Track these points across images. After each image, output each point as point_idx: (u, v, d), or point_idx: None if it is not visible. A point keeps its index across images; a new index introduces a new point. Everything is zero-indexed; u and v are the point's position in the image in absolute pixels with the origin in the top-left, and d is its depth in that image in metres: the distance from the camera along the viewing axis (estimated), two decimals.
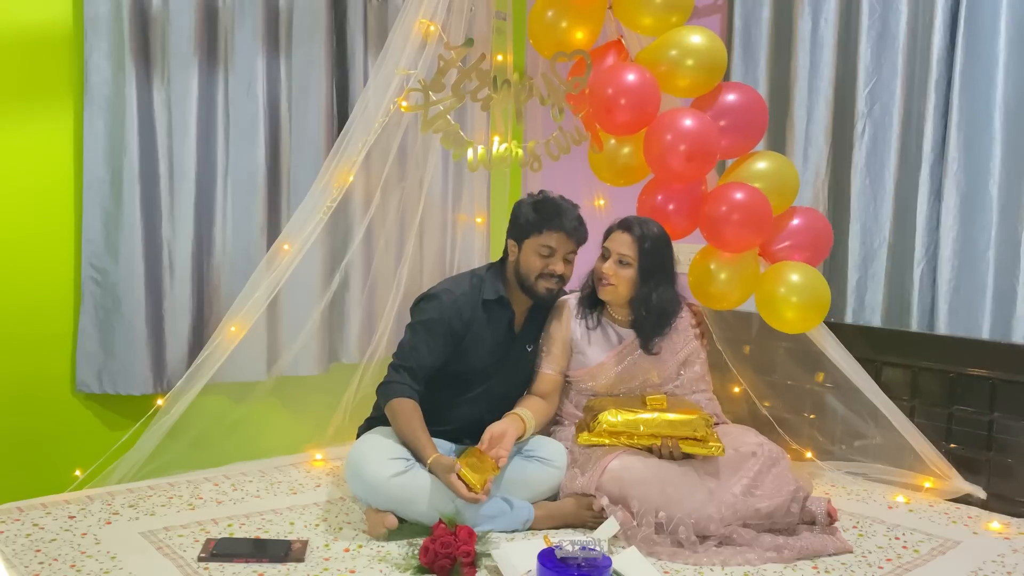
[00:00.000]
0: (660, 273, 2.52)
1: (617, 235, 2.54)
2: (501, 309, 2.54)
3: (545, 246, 2.46)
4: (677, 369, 2.62)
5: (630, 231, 2.52)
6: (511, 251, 2.56)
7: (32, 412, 2.81)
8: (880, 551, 2.25)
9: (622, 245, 2.52)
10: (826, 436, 2.98)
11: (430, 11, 2.64)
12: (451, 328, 2.46)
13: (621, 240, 2.52)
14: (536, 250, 2.47)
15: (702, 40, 2.71)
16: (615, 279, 2.52)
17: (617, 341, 2.60)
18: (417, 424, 2.34)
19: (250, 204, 3.11)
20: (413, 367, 2.42)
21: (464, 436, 2.51)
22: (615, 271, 2.52)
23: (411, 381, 2.41)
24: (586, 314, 2.62)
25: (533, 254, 2.48)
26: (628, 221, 2.56)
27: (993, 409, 2.67)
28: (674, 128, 2.64)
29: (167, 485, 2.57)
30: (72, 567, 1.98)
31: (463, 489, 2.16)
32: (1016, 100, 2.68)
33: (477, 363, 2.51)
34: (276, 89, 3.16)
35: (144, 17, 2.87)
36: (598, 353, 2.59)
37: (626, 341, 2.59)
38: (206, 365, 2.63)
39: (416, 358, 2.43)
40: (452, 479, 2.17)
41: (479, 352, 2.51)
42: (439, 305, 2.47)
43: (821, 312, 2.69)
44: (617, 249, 2.52)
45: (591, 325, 2.61)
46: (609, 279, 2.52)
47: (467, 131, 3.31)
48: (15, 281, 2.77)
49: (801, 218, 2.75)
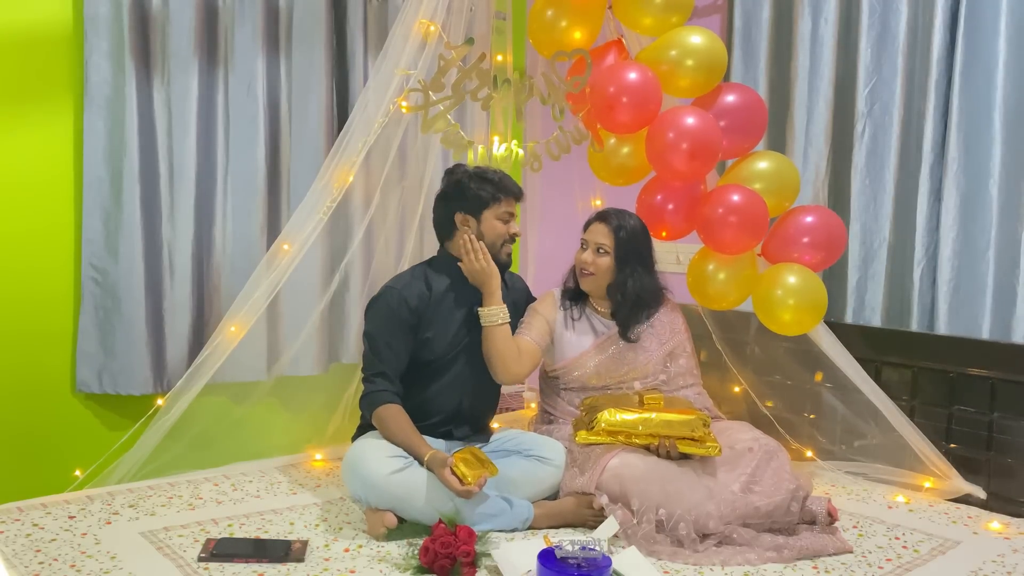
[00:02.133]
0: (636, 261, 2.62)
1: (595, 226, 2.65)
2: (454, 294, 2.54)
3: (507, 212, 2.55)
4: (663, 361, 2.67)
5: (606, 221, 2.63)
6: (465, 226, 2.54)
7: (32, 412, 2.81)
8: (880, 551, 2.25)
9: (599, 235, 2.63)
10: (826, 436, 2.98)
11: (430, 11, 2.64)
12: (403, 321, 2.46)
13: (598, 230, 2.63)
14: (499, 218, 2.54)
15: (702, 40, 2.71)
16: (593, 267, 2.63)
17: (600, 330, 2.67)
18: (407, 426, 2.35)
19: (250, 204, 3.11)
20: (384, 371, 2.43)
21: (449, 424, 2.52)
22: (593, 259, 2.63)
23: (388, 385, 2.42)
24: (570, 306, 2.71)
25: (496, 222, 2.54)
26: (605, 212, 2.68)
27: (993, 409, 2.67)
28: (676, 126, 2.64)
29: (167, 485, 2.57)
30: (72, 567, 1.98)
31: (456, 483, 2.16)
32: (1016, 100, 2.68)
33: (441, 349, 2.52)
34: (276, 89, 3.16)
35: (144, 17, 2.87)
36: (580, 342, 2.66)
37: (609, 332, 2.66)
38: (206, 365, 2.63)
39: (382, 361, 2.44)
40: (445, 473, 2.18)
41: (441, 338, 2.51)
42: (385, 303, 2.49)
43: (818, 315, 2.69)
44: (594, 239, 2.63)
45: (575, 316, 2.70)
46: (588, 268, 2.63)
47: (467, 131, 3.31)
48: (15, 281, 2.77)
49: (815, 216, 2.73)
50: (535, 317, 2.67)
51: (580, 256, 2.66)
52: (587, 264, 2.63)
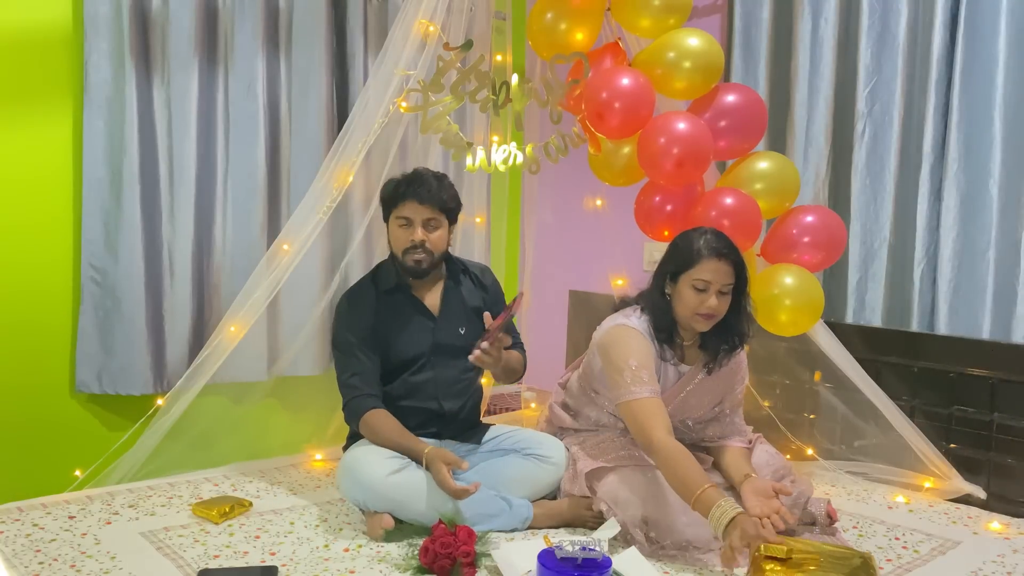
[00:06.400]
0: (745, 293, 2.35)
1: (714, 264, 2.25)
2: (404, 297, 2.53)
3: (401, 216, 2.44)
4: (723, 395, 2.48)
5: (727, 258, 2.26)
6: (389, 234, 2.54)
7: (32, 412, 2.81)
8: (880, 551, 2.25)
9: (725, 276, 2.26)
10: (826, 436, 2.98)
11: (430, 11, 2.64)
12: (364, 320, 2.47)
13: (722, 270, 2.26)
14: (396, 223, 2.46)
15: (699, 43, 2.71)
16: (719, 310, 2.29)
17: (683, 368, 2.41)
18: (396, 427, 2.35)
19: (250, 204, 3.11)
20: (360, 373, 2.42)
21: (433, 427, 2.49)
22: (720, 303, 2.27)
23: (368, 389, 2.41)
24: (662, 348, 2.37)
25: (395, 228, 2.47)
26: (718, 248, 2.27)
27: (993, 409, 2.67)
28: (667, 132, 2.64)
29: (167, 485, 2.57)
30: (72, 567, 1.98)
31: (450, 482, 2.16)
32: (1016, 100, 2.68)
33: (405, 353, 2.49)
34: (276, 89, 3.16)
35: (144, 17, 2.87)
36: (666, 381, 2.39)
37: (691, 369, 2.41)
38: (206, 365, 2.63)
39: (356, 365, 2.43)
40: (443, 471, 2.17)
41: (401, 341, 2.49)
42: (344, 306, 2.51)
43: (815, 315, 2.69)
44: (721, 280, 2.26)
45: (667, 358, 2.38)
46: (717, 313, 2.29)
47: (467, 132, 3.31)
48: (15, 281, 2.77)
49: (815, 216, 2.73)
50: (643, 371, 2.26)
51: (706, 302, 2.25)
52: (717, 311, 2.27)
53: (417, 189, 2.43)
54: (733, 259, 2.27)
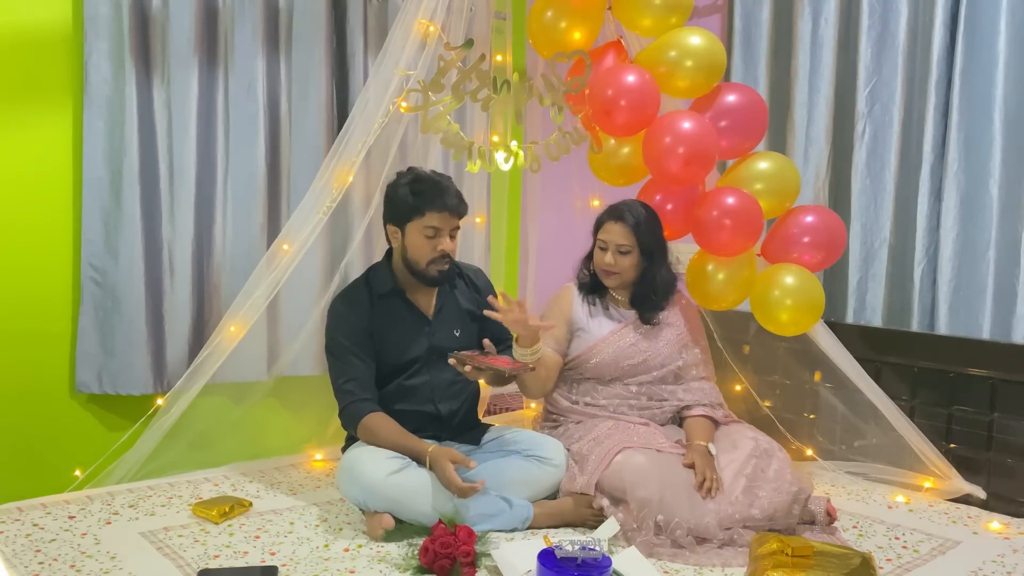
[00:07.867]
0: (656, 251, 2.63)
1: (610, 226, 2.62)
2: (399, 300, 2.52)
3: (429, 227, 2.41)
4: (678, 350, 2.66)
5: (622, 220, 2.60)
6: (393, 237, 2.50)
7: (32, 412, 2.81)
8: (880, 551, 2.25)
9: (618, 235, 2.60)
10: (826, 436, 2.98)
11: (430, 11, 2.64)
12: (358, 324, 2.45)
13: (616, 231, 2.60)
14: (421, 232, 2.42)
15: (701, 41, 2.71)
16: (617, 268, 2.61)
17: (618, 318, 2.68)
18: (396, 429, 2.34)
19: (250, 204, 3.11)
20: (355, 378, 2.41)
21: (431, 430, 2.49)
22: (617, 260, 2.60)
23: (364, 394, 2.40)
24: (588, 299, 2.71)
25: (419, 237, 2.43)
26: (617, 210, 2.63)
27: (993, 409, 2.67)
28: (673, 131, 2.64)
29: (167, 485, 2.57)
30: (72, 567, 1.98)
31: (455, 480, 2.16)
32: (1016, 100, 2.68)
33: (400, 356, 2.48)
34: (276, 89, 3.16)
35: (144, 17, 2.87)
36: (600, 329, 2.65)
37: (627, 319, 2.67)
38: (206, 365, 2.63)
39: (351, 370, 2.42)
40: (448, 468, 2.17)
41: (396, 345, 2.48)
42: (337, 309, 2.50)
43: (815, 315, 2.69)
44: (614, 240, 2.60)
45: (593, 304, 2.71)
46: (612, 269, 2.62)
47: (467, 131, 3.31)
48: (14, 281, 2.76)
49: (815, 216, 2.73)
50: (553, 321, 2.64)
51: (603, 259, 2.62)
52: (611, 267, 2.61)
53: (447, 200, 2.41)
54: (629, 221, 2.58)
